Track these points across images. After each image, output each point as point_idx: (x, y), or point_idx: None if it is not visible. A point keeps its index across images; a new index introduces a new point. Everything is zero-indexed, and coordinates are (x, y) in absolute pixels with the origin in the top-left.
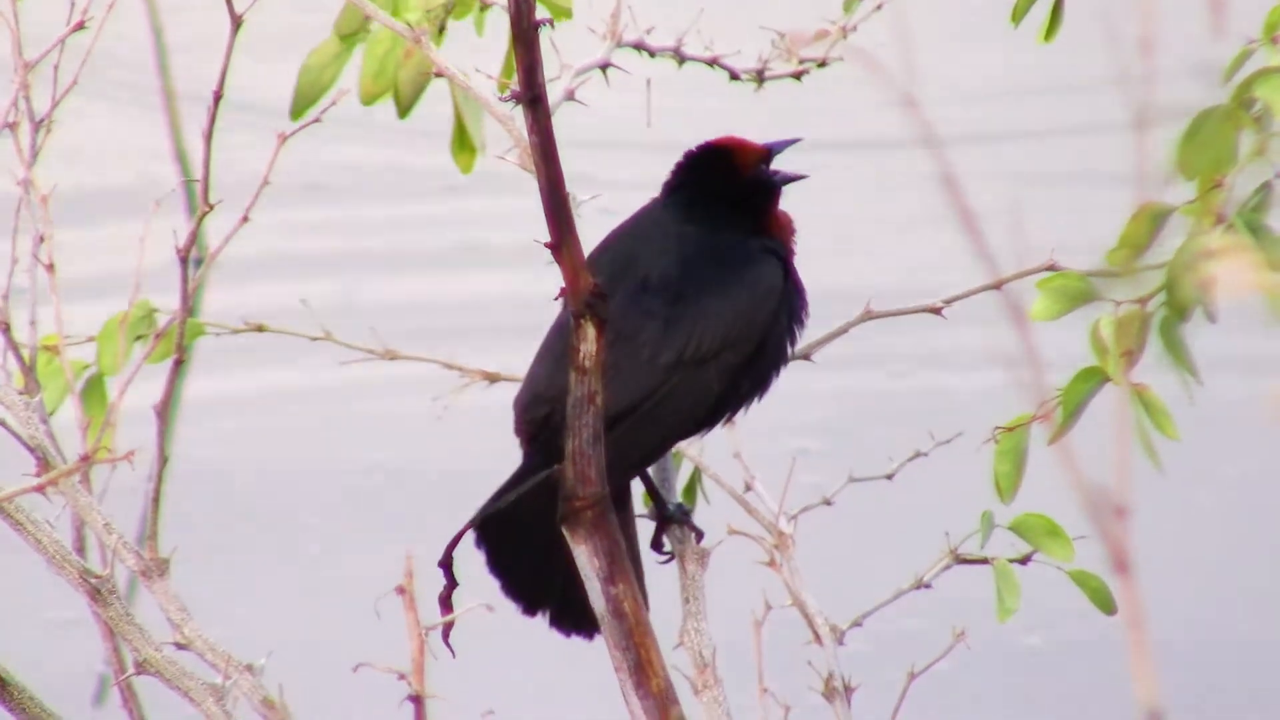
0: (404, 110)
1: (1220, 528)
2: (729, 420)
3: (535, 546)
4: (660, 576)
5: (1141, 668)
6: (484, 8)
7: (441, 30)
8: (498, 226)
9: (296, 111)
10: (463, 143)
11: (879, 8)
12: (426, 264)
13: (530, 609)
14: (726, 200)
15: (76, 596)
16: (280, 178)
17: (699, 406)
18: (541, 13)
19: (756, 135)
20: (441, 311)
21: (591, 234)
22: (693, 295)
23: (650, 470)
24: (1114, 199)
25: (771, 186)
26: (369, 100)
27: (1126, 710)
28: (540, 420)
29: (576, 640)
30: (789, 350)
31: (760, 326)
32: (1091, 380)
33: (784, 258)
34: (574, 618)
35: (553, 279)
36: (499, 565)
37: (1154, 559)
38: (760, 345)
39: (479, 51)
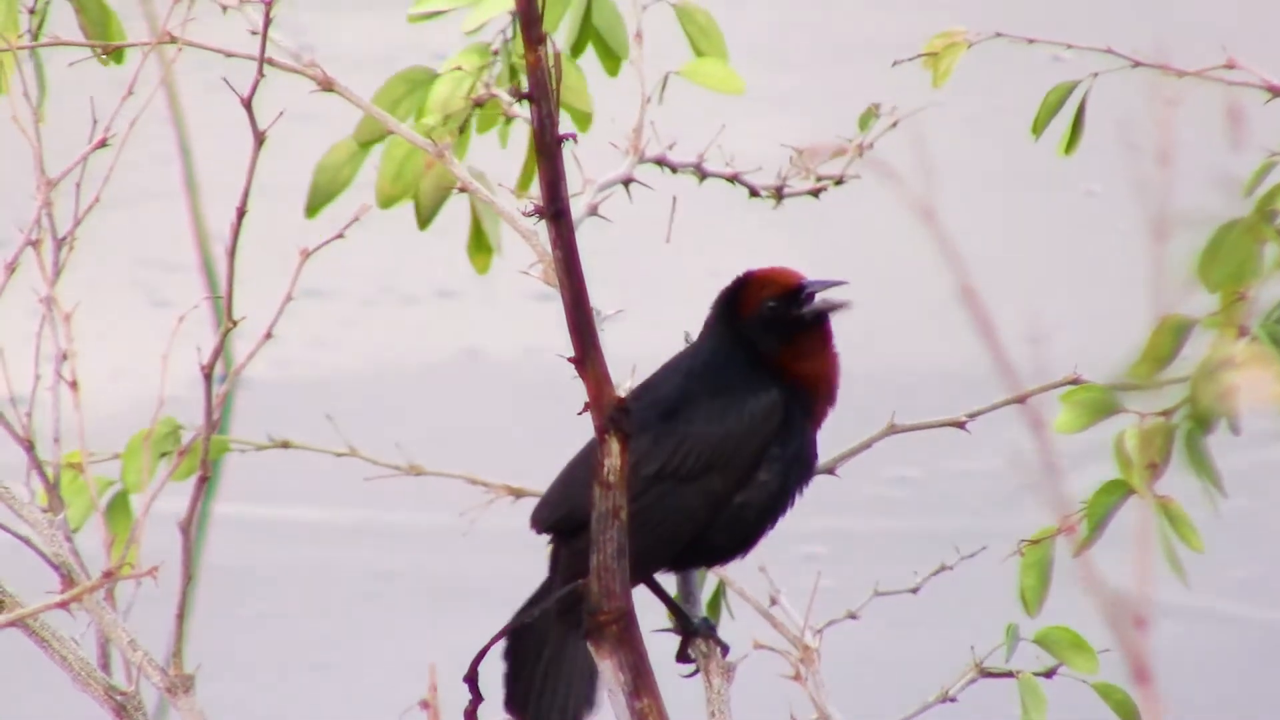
0: (424, 222)
1: (1233, 631)
2: (744, 552)
3: (541, 660)
4: (685, 690)
5: None
6: (508, 121)
7: (463, 131)
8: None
9: (312, 209)
10: (479, 244)
11: (895, 124)
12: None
13: None
14: (743, 332)
15: (98, 714)
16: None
17: (681, 525)
18: (564, 128)
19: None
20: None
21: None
22: (685, 415)
23: (665, 584)
24: (1135, 309)
25: (793, 322)
26: (386, 204)
27: None
28: (550, 524)
29: None
30: (793, 488)
31: (749, 455)
32: (1116, 493)
33: (794, 397)
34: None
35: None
36: (511, 678)
37: (1164, 665)
38: (749, 474)
39: (500, 158)
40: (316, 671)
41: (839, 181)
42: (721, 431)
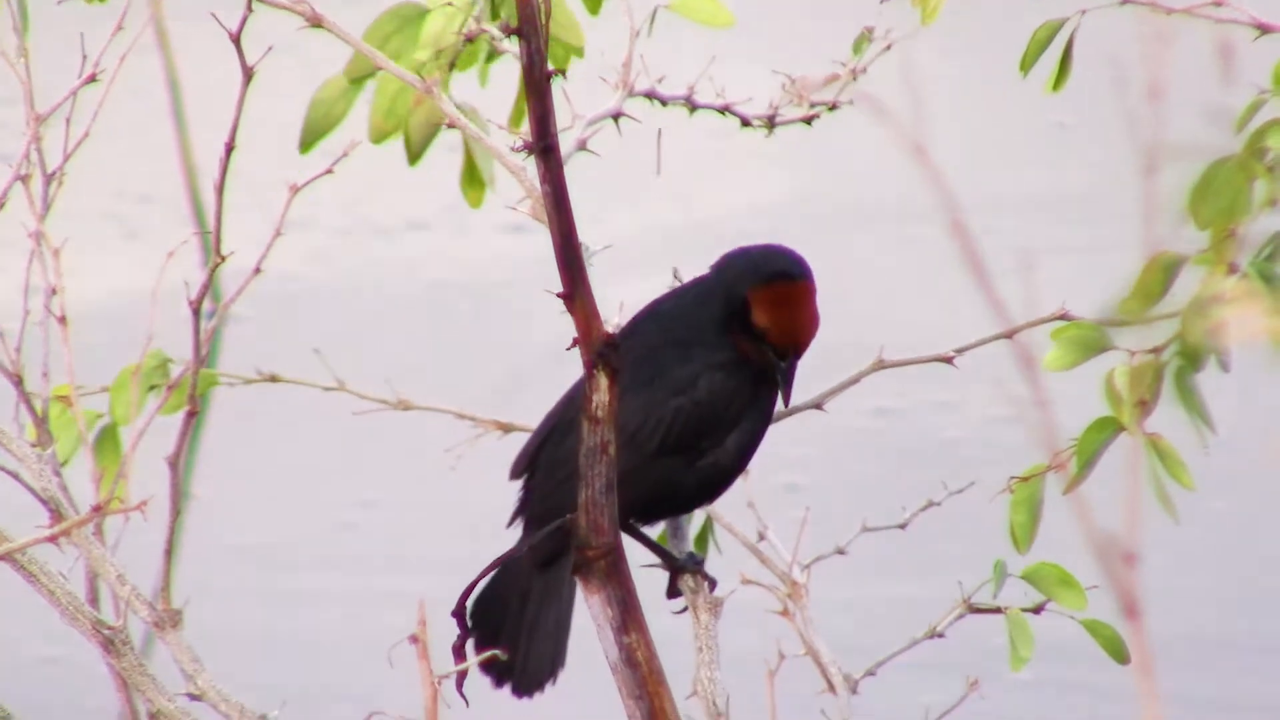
0: (414, 158)
1: (1213, 563)
2: (710, 502)
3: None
4: (673, 625)
5: (1151, 714)
6: (491, 57)
7: (453, 68)
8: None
9: (305, 145)
10: (472, 178)
11: (888, 47)
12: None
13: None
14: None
15: (59, 634)
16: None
17: (651, 488)
18: (553, 64)
19: (769, 188)
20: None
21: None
22: (658, 383)
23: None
24: (1126, 245)
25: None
26: (379, 139)
27: None
28: (528, 456)
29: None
30: (757, 443)
31: (720, 429)
32: (1106, 430)
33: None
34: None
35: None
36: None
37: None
38: (719, 441)
39: (487, 91)
40: (302, 601)
41: (832, 108)
42: (690, 406)
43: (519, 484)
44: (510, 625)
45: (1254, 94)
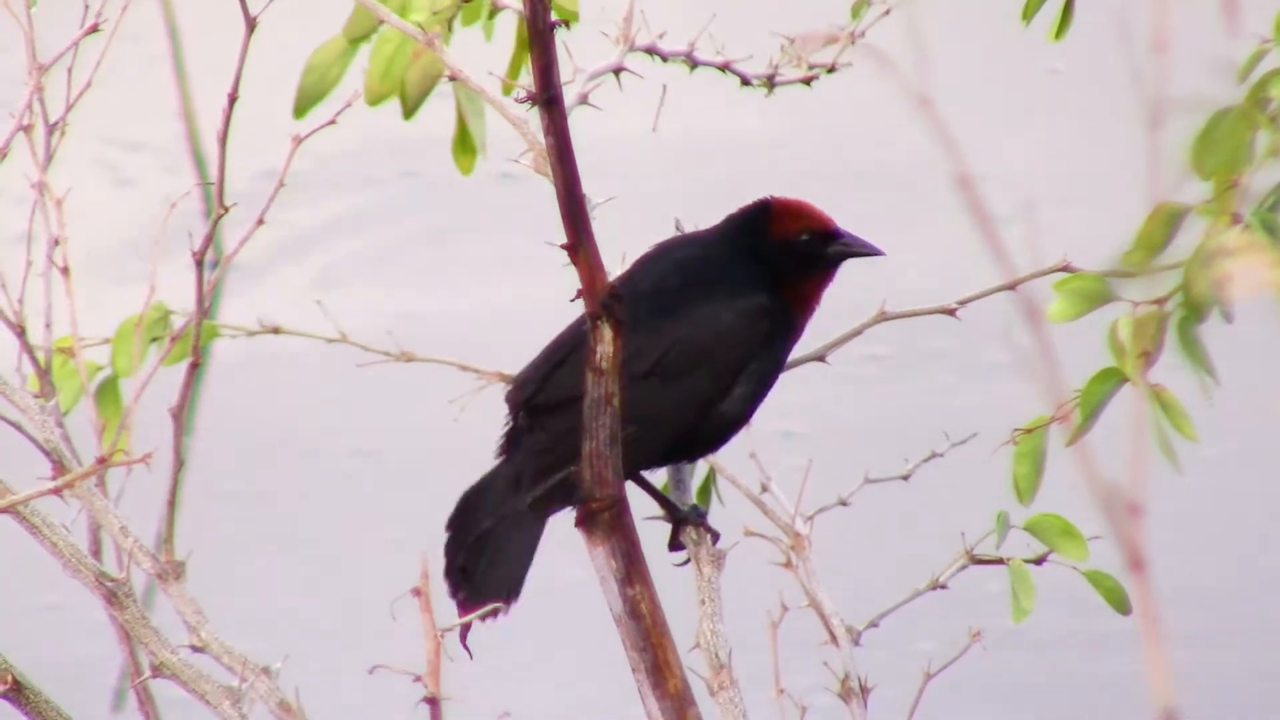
0: (409, 111)
1: (1204, 510)
2: (714, 450)
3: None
4: (676, 577)
5: (1157, 665)
6: (493, 13)
7: (449, 29)
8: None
9: (300, 109)
10: (464, 144)
11: (887, 12)
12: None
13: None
14: (761, 251)
15: (57, 582)
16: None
17: (670, 424)
18: (555, 15)
19: (767, 145)
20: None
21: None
22: (681, 312)
23: (648, 476)
24: (1128, 196)
25: (817, 258)
26: (375, 101)
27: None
28: (521, 401)
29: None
30: (763, 396)
31: (738, 359)
32: (1110, 381)
33: (783, 314)
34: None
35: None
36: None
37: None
38: (733, 379)
39: (484, 55)
40: (304, 551)
41: (831, 69)
42: (713, 333)
43: (513, 411)
44: (477, 537)
45: (1256, 45)
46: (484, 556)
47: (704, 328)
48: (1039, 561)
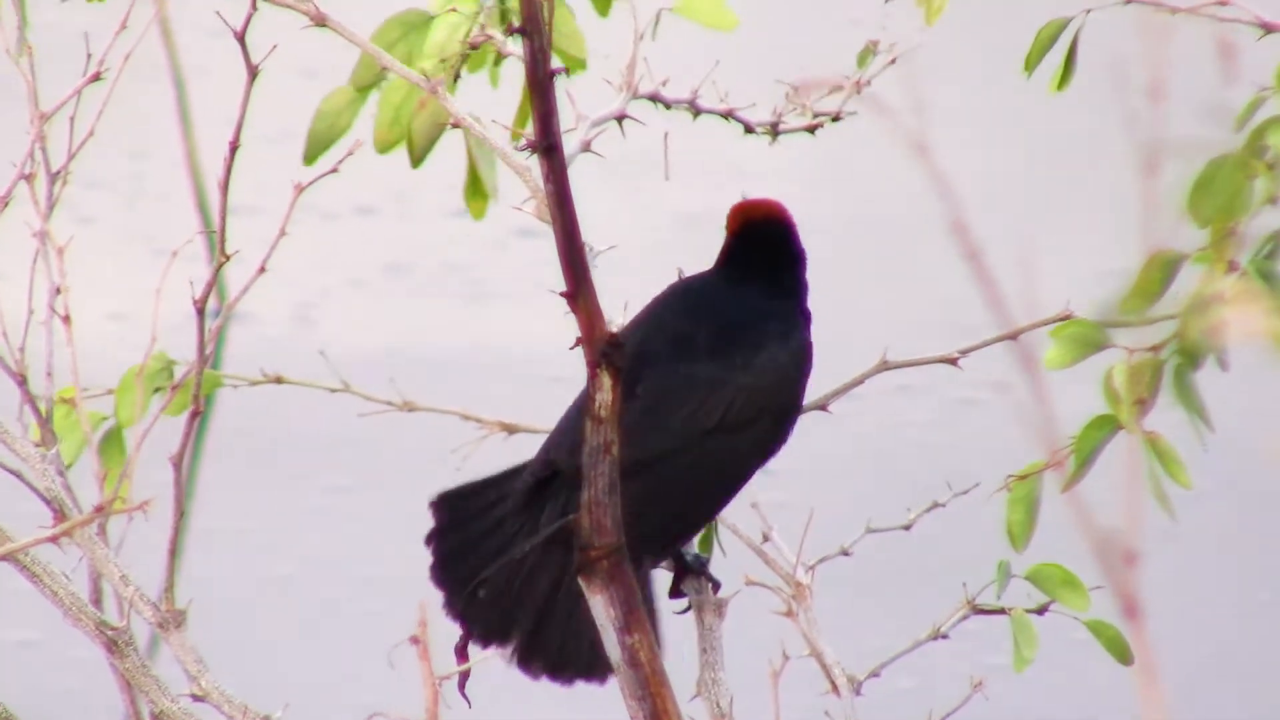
0: (417, 160)
1: (1212, 559)
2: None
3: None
4: (677, 627)
5: (1154, 714)
6: (498, 60)
7: (456, 79)
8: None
9: (310, 157)
10: (476, 189)
11: (893, 62)
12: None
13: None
14: (776, 264)
15: (34, 615)
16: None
17: (737, 476)
18: (556, 63)
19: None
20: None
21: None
22: (736, 359)
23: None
24: (1125, 243)
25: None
26: (384, 149)
27: None
28: (544, 480)
29: (574, 688)
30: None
31: (797, 397)
32: (1104, 428)
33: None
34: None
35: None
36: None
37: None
38: (793, 417)
39: (492, 102)
40: (299, 587)
41: (835, 118)
42: (776, 379)
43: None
44: (514, 593)
45: (1254, 92)
46: (534, 615)
47: (766, 375)
48: (1041, 611)
